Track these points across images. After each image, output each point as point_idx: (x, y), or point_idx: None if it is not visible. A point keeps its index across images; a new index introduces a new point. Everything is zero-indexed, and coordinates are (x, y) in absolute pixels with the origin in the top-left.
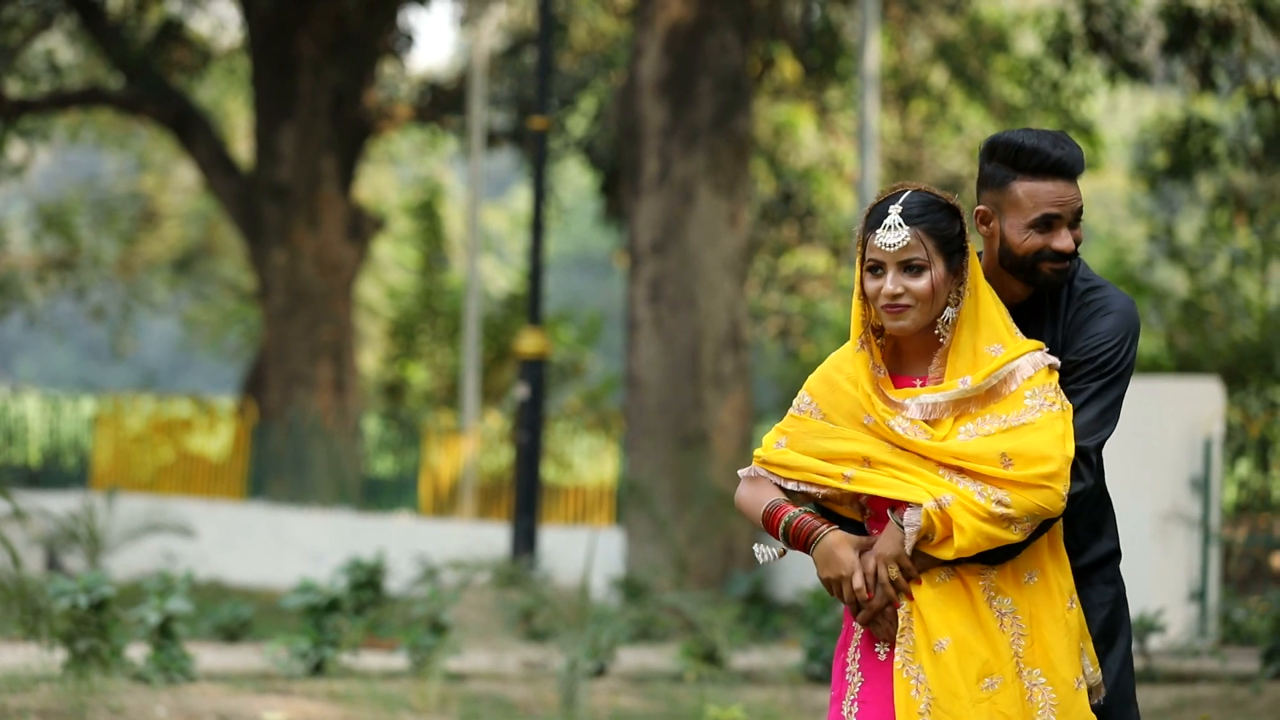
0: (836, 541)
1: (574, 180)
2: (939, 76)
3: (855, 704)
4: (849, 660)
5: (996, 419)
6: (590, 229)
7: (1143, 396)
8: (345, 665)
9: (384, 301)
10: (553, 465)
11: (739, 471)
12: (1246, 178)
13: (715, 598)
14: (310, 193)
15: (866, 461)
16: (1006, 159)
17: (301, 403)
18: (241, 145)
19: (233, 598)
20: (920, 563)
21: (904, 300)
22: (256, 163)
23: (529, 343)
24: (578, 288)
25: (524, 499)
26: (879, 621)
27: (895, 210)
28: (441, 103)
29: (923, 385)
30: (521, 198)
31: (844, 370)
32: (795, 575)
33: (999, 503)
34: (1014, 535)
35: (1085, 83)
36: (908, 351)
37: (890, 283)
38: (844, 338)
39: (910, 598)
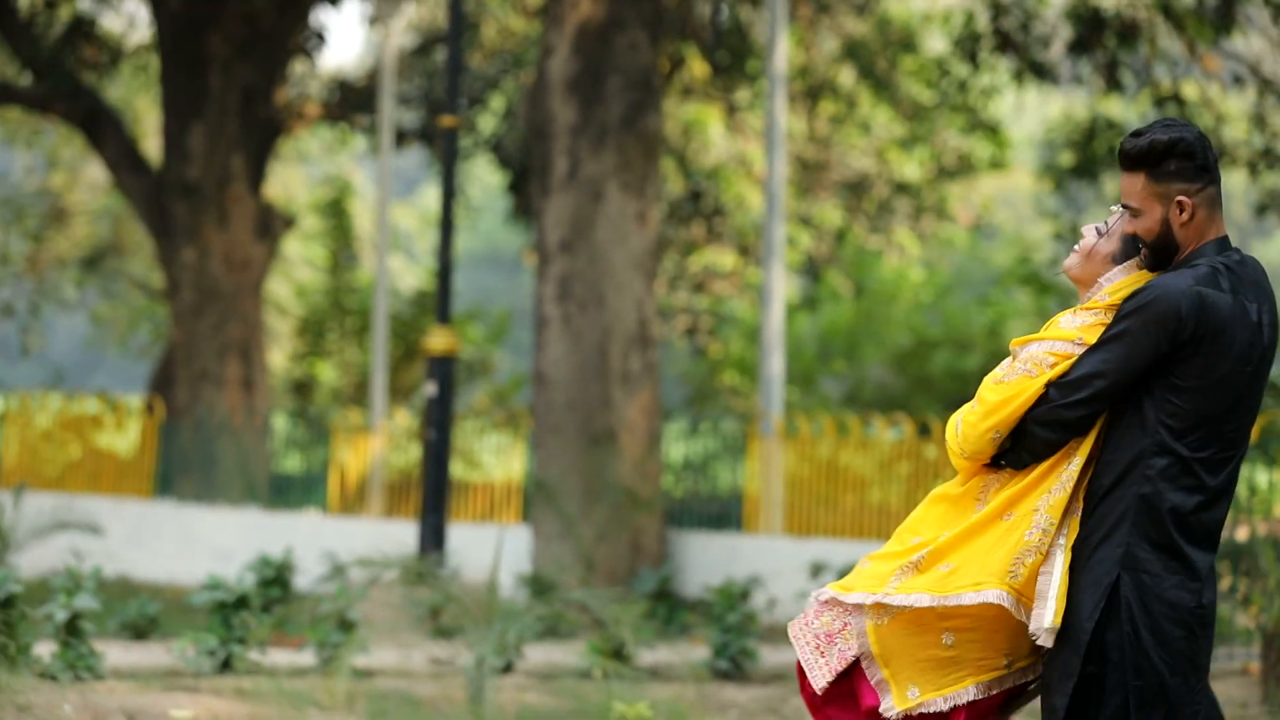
0: None
1: (483, 178)
2: (847, 76)
3: None
4: None
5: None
6: (499, 227)
7: None
8: (253, 662)
9: (293, 299)
10: (461, 463)
11: None
12: None
13: (622, 595)
14: (220, 191)
15: None
16: None
17: (210, 400)
18: (151, 143)
19: (140, 595)
20: None
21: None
22: (166, 161)
23: (438, 340)
24: (487, 286)
25: (432, 496)
26: None
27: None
28: (351, 101)
29: None
30: (431, 196)
31: None
32: (702, 572)
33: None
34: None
35: (992, 82)
36: None
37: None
38: (750, 336)
39: None
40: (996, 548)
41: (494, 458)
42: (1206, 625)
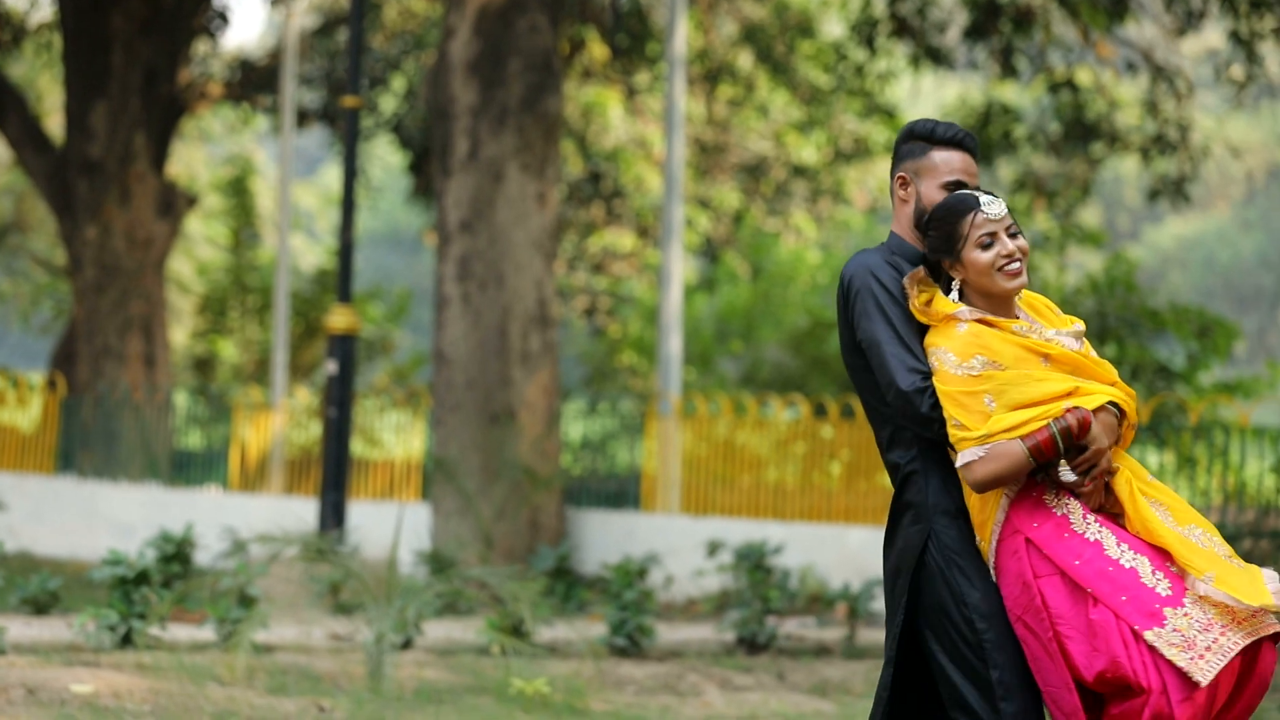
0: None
1: (384, 159)
2: (745, 60)
3: (1125, 542)
4: (1086, 524)
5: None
6: (400, 207)
7: None
8: (153, 637)
9: (195, 277)
10: (361, 440)
11: (965, 460)
12: (1046, 162)
13: (521, 572)
14: (122, 169)
15: (1076, 390)
16: (924, 135)
17: (111, 377)
18: (54, 121)
19: (42, 570)
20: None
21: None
22: (68, 139)
23: (338, 319)
24: (387, 265)
25: (332, 474)
26: (1097, 493)
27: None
28: (253, 81)
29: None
30: (332, 175)
31: (983, 332)
32: (600, 550)
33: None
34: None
35: (889, 67)
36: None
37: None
38: (649, 316)
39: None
40: None
41: (394, 435)
42: None
